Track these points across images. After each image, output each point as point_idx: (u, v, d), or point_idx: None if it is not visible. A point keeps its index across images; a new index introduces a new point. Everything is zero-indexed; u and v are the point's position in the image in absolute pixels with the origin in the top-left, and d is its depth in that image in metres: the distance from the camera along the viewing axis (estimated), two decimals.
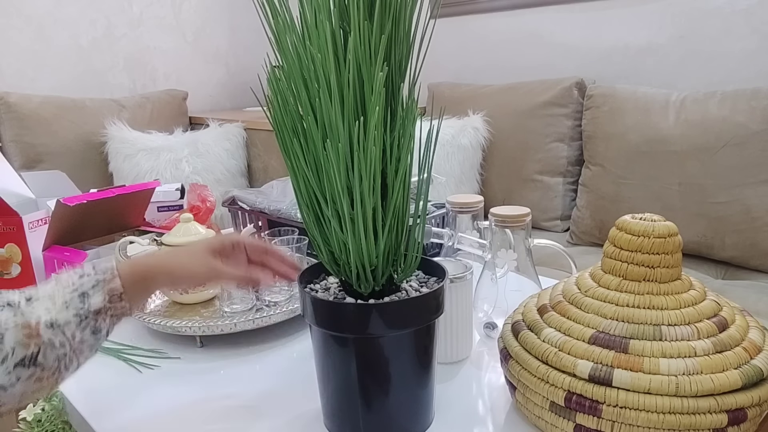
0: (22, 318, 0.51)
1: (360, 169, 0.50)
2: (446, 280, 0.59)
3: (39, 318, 0.51)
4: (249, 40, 2.92)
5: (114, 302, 0.55)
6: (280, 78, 0.54)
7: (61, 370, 0.52)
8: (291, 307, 0.82)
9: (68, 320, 0.52)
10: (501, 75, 2.13)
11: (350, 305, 0.55)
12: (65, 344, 0.52)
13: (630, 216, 0.59)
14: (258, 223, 1.13)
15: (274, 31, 0.52)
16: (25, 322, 0.50)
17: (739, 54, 1.65)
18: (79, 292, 0.54)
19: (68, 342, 0.52)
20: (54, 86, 2.37)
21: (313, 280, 0.63)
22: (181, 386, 0.72)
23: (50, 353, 0.51)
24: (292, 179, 0.56)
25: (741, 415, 0.51)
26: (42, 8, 2.33)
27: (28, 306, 0.52)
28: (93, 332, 0.54)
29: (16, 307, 0.52)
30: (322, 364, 0.59)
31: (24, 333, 0.50)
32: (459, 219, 0.89)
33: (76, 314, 0.53)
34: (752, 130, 1.41)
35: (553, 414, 0.56)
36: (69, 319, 0.52)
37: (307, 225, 0.57)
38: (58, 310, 0.52)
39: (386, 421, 0.58)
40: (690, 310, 0.55)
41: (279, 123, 0.55)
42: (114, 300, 0.55)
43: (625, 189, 1.61)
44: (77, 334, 0.53)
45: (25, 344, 0.50)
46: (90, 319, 0.53)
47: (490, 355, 0.76)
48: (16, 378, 0.50)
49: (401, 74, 0.54)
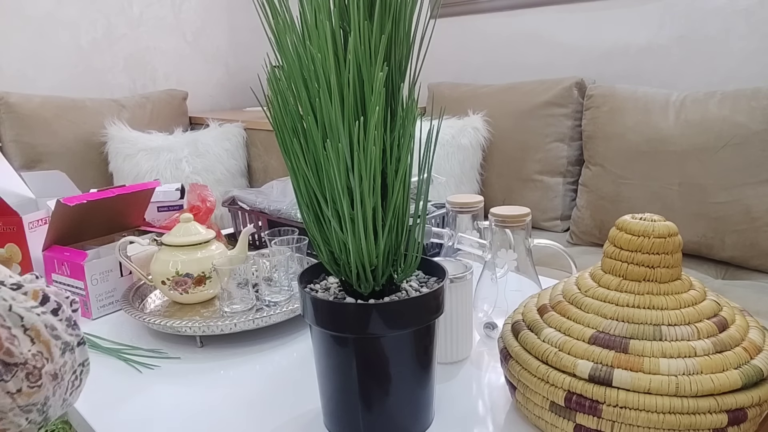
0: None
1: (360, 169, 0.50)
2: (446, 280, 0.59)
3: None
4: (249, 40, 2.92)
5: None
6: (280, 78, 0.54)
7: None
8: (291, 307, 0.82)
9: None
10: (501, 75, 2.13)
11: (350, 305, 0.55)
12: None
13: (630, 216, 0.59)
14: (258, 223, 1.13)
15: (274, 31, 0.52)
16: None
17: (739, 54, 1.65)
18: None
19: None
20: (54, 86, 2.37)
21: (313, 280, 0.63)
22: (181, 386, 0.72)
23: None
24: (292, 179, 0.56)
25: (741, 415, 0.51)
26: (42, 8, 2.33)
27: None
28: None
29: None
30: (322, 364, 0.60)
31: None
32: (459, 219, 0.89)
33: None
34: (752, 130, 1.41)
35: (553, 414, 0.56)
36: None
37: (307, 225, 0.57)
38: None
39: (386, 421, 0.58)
40: (690, 310, 0.55)
41: (279, 123, 0.54)
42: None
43: (625, 189, 1.61)
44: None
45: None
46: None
47: (490, 355, 0.76)
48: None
49: (401, 74, 0.54)
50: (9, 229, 0.95)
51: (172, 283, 0.86)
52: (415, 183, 0.57)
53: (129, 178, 2.18)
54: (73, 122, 2.24)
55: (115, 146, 2.23)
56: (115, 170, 2.23)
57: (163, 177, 2.19)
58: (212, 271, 0.87)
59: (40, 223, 0.97)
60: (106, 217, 1.02)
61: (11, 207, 0.94)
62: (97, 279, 0.90)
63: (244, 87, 2.95)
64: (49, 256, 0.93)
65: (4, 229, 0.95)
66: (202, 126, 2.44)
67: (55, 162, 2.16)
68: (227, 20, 2.86)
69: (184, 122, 2.56)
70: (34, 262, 0.96)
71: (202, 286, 0.87)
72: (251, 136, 2.39)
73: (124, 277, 0.94)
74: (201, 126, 2.45)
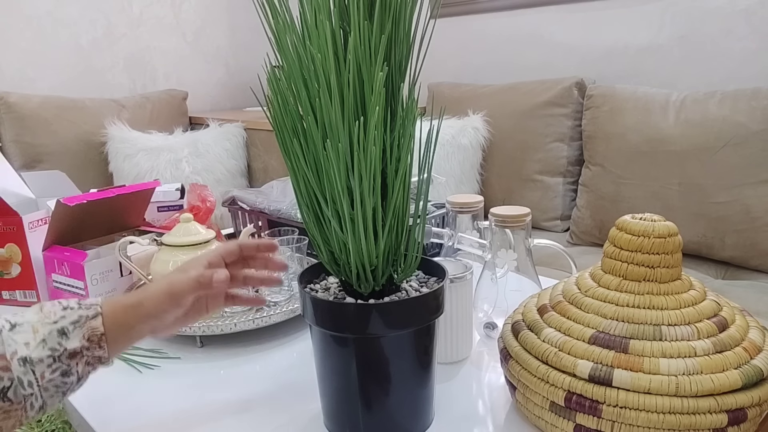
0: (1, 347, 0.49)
1: (360, 169, 0.50)
2: (446, 280, 0.59)
3: (15, 352, 0.50)
4: (249, 40, 2.92)
5: (92, 344, 0.53)
6: (280, 78, 0.54)
7: (27, 409, 0.50)
8: (291, 307, 0.82)
9: (41, 358, 0.50)
10: (501, 75, 2.13)
11: (350, 305, 0.55)
12: (32, 384, 0.50)
13: (630, 216, 0.59)
14: (258, 223, 1.13)
15: (274, 31, 0.52)
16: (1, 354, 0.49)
17: (739, 54, 1.65)
18: (58, 327, 0.52)
19: (36, 382, 0.50)
20: (54, 86, 2.37)
21: (313, 280, 0.63)
22: (181, 386, 0.72)
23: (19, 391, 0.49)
24: (292, 179, 0.56)
25: (741, 415, 0.51)
26: (42, 8, 2.33)
27: (10, 334, 0.50)
28: (62, 375, 0.51)
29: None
30: (322, 364, 0.59)
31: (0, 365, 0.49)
32: (459, 219, 0.89)
33: (51, 354, 0.51)
34: (752, 130, 1.41)
35: (553, 414, 0.56)
36: (42, 357, 0.50)
37: (307, 225, 0.57)
38: (34, 347, 0.50)
39: (386, 421, 0.58)
40: (690, 310, 0.55)
41: (279, 123, 0.55)
42: (93, 340, 0.53)
43: (625, 189, 1.61)
44: (46, 374, 0.50)
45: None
46: (63, 363, 0.51)
47: (490, 355, 0.76)
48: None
49: (401, 74, 0.54)
50: (9, 229, 0.95)
51: None
52: (415, 183, 0.57)
53: (129, 178, 2.18)
54: (73, 122, 2.24)
55: (115, 146, 2.23)
56: (115, 170, 2.23)
57: (163, 177, 2.18)
58: None
59: (40, 223, 0.97)
60: (106, 217, 1.02)
61: (11, 207, 0.94)
62: (97, 279, 0.90)
63: (244, 87, 2.95)
64: (49, 256, 0.93)
65: (4, 229, 0.95)
66: (202, 126, 2.44)
67: (55, 162, 2.15)
68: (227, 20, 2.86)
69: (184, 122, 2.56)
70: (34, 262, 0.95)
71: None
72: (251, 136, 2.39)
73: (124, 277, 0.94)
74: (201, 126, 2.45)
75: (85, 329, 0.52)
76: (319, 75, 0.50)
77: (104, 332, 0.53)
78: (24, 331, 0.51)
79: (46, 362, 0.50)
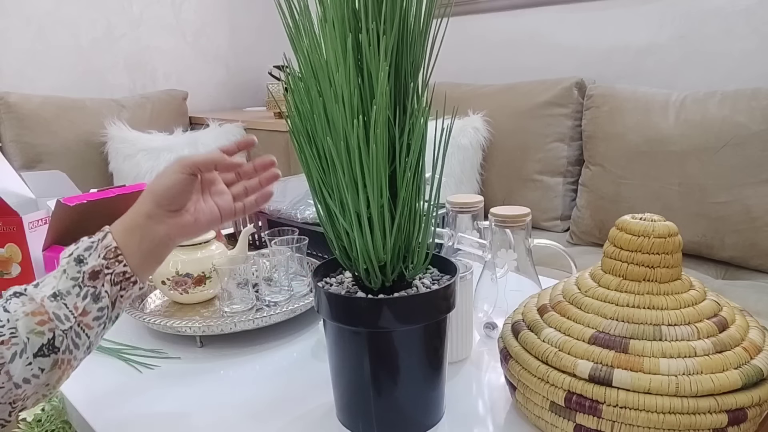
0: (31, 303, 0.51)
1: (366, 167, 0.50)
2: (456, 278, 0.59)
3: (44, 294, 0.52)
4: (249, 41, 2.92)
5: (110, 261, 0.54)
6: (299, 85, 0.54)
7: (72, 349, 0.52)
8: (291, 307, 0.82)
9: (68, 289, 0.52)
10: (501, 75, 2.13)
11: (361, 299, 0.56)
12: (69, 317, 0.52)
13: (630, 216, 0.59)
14: (258, 222, 1.13)
15: (293, 34, 0.52)
16: (34, 308, 0.50)
17: (739, 54, 1.65)
18: (74, 256, 0.54)
19: (72, 314, 0.52)
20: (54, 86, 2.37)
21: (329, 273, 0.64)
22: (181, 386, 0.72)
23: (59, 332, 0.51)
24: (305, 170, 0.57)
25: (741, 415, 0.51)
26: (42, 8, 2.33)
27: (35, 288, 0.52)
28: (94, 300, 0.53)
29: (23, 294, 0.52)
30: (335, 358, 0.60)
31: (36, 321, 0.50)
32: (459, 219, 0.89)
33: (75, 282, 0.53)
34: (752, 130, 1.41)
35: (553, 414, 0.56)
36: (68, 288, 0.52)
37: (320, 217, 0.58)
38: (58, 281, 0.53)
39: (398, 413, 0.59)
40: (690, 310, 0.55)
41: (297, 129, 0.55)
42: (109, 257, 0.55)
43: (625, 189, 1.61)
44: (79, 304, 0.52)
45: (39, 332, 0.50)
46: (88, 285, 0.53)
47: (490, 355, 0.76)
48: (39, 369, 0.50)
49: (414, 73, 0.55)
50: (9, 229, 0.95)
51: (172, 283, 0.86)
52: (425, 181, 0.57)
53: (129, 178, 2.18)
54: (73, 122, 2.24)
55: (115, 146, 2.23)
56: (115, 170, 2.23)
57: None
58: (212, 271, 0.87)
59: (40, 223, 0.97)
60: (106, 217, 1.01)
61: (11, 207, 0.94)
62: None
63: (244, 87, 2.95)
64: (49, 256, 0.93)
65: (4, 229, 0.95)
66: (202, 126, 2.44)
67: (55, 162, 2.16)
68: (227, 20, 2.86)
69: (184, 122, 2.56)
70: (34, 262, 0.95)
71: (202, 286, 0.87)
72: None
73: None
74: (201, 126, 2.45)
75: (99, 249, 0.55)
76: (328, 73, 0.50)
77: (117, 245, 0.55)
78: (46, 283, 0.53)
79: (74, 292, 0.52)
